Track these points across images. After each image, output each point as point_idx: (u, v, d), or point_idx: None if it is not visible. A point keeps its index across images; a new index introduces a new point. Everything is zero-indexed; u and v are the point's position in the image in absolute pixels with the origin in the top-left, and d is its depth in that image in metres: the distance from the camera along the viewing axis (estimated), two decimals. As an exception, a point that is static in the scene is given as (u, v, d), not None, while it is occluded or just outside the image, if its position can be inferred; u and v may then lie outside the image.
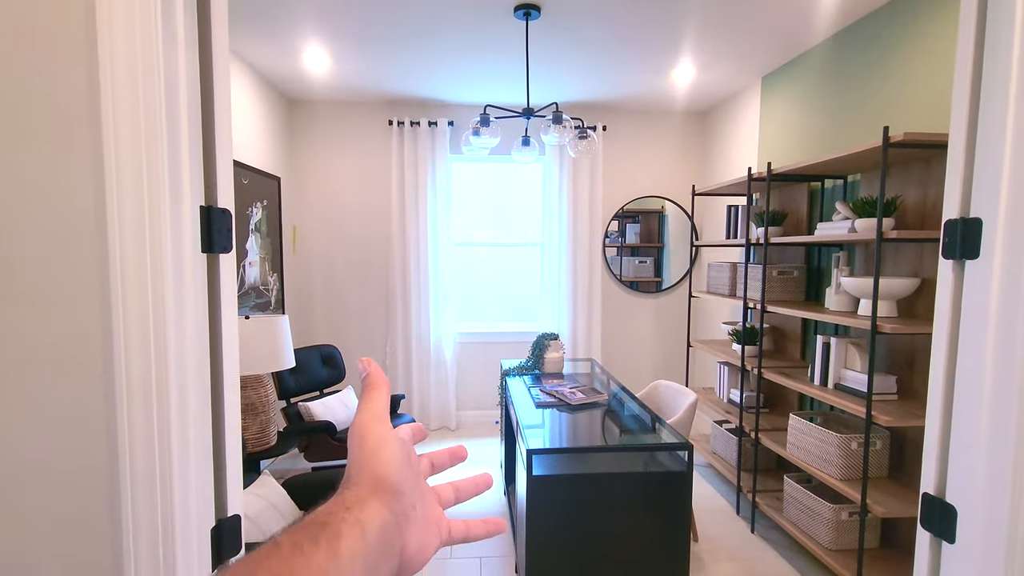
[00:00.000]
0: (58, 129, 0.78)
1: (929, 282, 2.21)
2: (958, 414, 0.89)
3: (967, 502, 0.86)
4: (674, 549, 2.00)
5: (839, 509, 2.34)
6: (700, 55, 3.18)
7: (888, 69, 2.49)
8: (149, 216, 0.77)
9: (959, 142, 0.89)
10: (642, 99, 4.09)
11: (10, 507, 0.80)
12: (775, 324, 3.34)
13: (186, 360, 0.82)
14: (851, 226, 2.29)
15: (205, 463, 0.87)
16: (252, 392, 2.49)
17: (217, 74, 0.87)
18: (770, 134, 3.47)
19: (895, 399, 2.24)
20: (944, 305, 0.91)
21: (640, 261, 4.52)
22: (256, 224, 3.49)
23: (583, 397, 2.67)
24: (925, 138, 1.96)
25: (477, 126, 2.68)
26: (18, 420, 0.79)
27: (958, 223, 0.89)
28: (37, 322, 0.79)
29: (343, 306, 4.35)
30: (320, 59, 3.29)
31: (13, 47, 0.77)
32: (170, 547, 0.80)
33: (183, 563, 0.81)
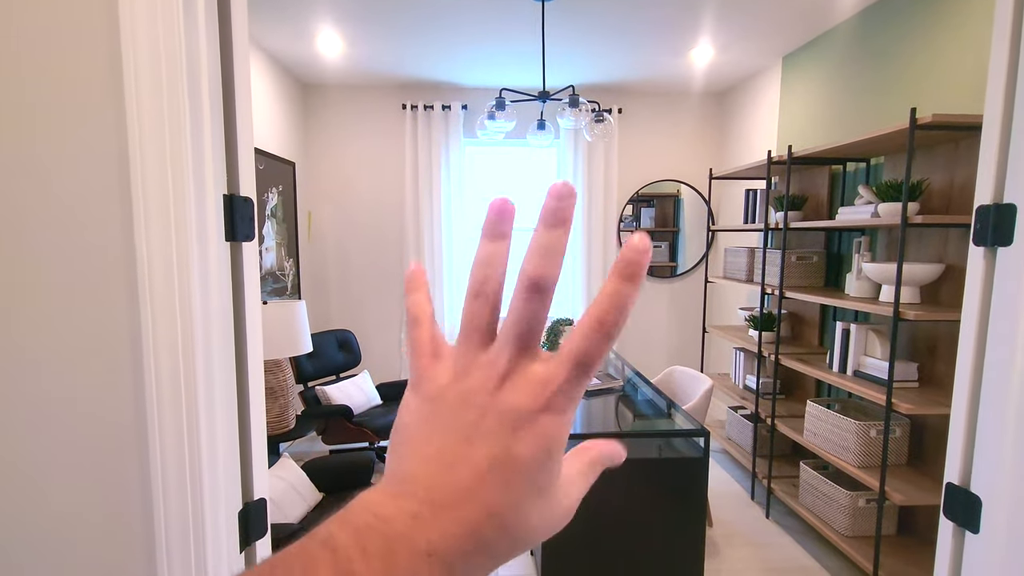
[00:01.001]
0: (82, 119, 0.79)
1: (954, 268, 2.16)
2: (985, 404, 0.87)
3: (993, 492, 0.85)
4: (689, 535, 2.01)
5: (856, 496, 2.33)
6: (719, 35, 3.11)
7: (915, 48, 2.41)
8: (174, 206, 0.78)
9: (994, 124, 0.87)
10: (659, 81, 4.02)
11: (44, 496, 0.82)
12: (793, 310, 3.30)
13: (212, 348, 0.83)
14: (874, 210, 2.24)
15: (232, 448, 0.88)
16: (271, 376, 2.53)
17: (237, 61, 0.87)
18: (790, 116, 3.40)
19: (916, 386, 2.21)
20: (974, 293, 0.89)
21: (655, 245, 4.48)
22: (272, 210, 3.52)
23: (598, 383, 2.67)
24: (955, 120, 1.91)
25: (492, 110, 2.66)
26: (49, 411, 0.82)
27: (990, 209, 0.86)
28: (66, 313, 0.81)
29: (358, 291, 4.38)
30: (334, 43, 3.28)
31: (36, 37, 0.78)
32: (200, 531, 0.82)
33: (212, 546, 0.83)
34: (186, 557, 0.82)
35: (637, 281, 0.24)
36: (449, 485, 0.23)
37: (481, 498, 0.23)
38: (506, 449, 0.24)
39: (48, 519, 0.83)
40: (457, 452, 0.24)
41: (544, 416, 0.24)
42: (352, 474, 2.45)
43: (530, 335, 0.25)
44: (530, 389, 0.24)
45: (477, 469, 0.23)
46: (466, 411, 0.25)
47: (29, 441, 0.82)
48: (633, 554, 2.01)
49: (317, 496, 2.30)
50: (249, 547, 0.93)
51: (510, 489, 0.24)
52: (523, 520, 0.24)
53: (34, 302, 0.80)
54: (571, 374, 0.24)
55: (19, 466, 0.82)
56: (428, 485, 0.23)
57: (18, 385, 0.81)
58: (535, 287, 0.24)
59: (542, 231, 0.25)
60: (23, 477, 0.82)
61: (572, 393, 0.25)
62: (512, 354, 0.25)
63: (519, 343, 0.25)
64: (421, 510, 0.23)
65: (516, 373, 0.25)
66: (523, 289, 0.25)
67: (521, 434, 0.24)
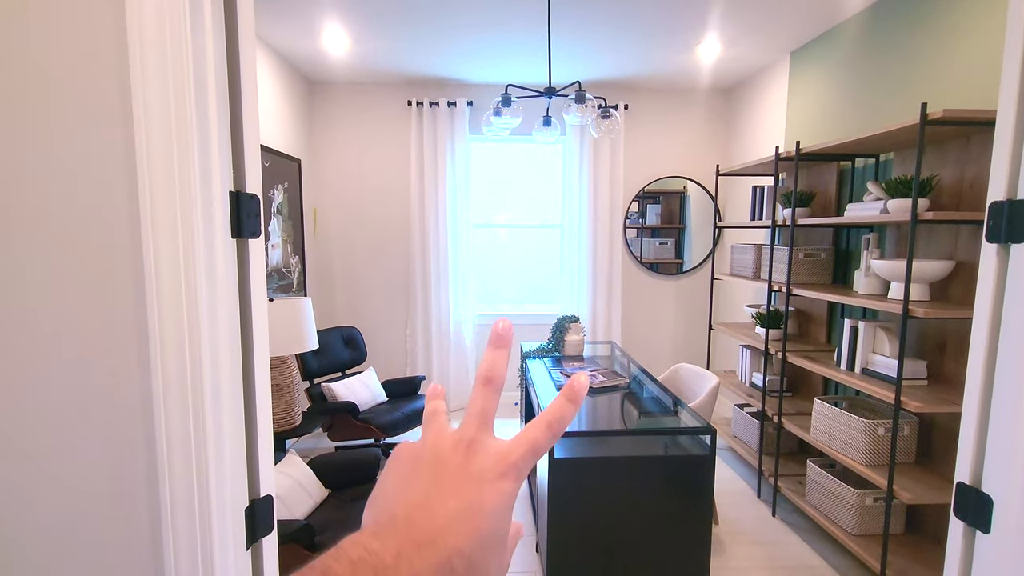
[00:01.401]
0: (89, 116, 0.79)
1: (964, 265, 2.14)
2: (997, 403, 0.86)
3: (1004, 492, 0.84)
4: (695, 532, 2.01)
5: (864, 494, 2.31)
6: (727, 30, 3.08)
7: (925, 42, 2.39)
8: (180, 202, 0.78)
9: (1008, 119, 0.85)
10: (665, 76, 4.00)
11: (50, 492, 0.83)
12: (800, 307, 3.28)
13: (218, 345, 0.83)
14: (883, 207, 2.22)
15: (238, 445, 0.88)
16: (277, 373, 2.54)
17: (244, 58, 0.87)
18: (798, 112, 3.37)
19: (925, 384, 2.19)
20: (986, 290, 0.88)
21: (661, 243, 4.47)
22: (278, 206, 3.52)
23: (604, 380, 2.66)
24: (966, 115, 1.88)
25: (498, 106, 2.65)
26: (57, 408, 0.82)
27: (1004, 205, 0.85)
28: (73, 310, 0.81)
29: (364, 288, 4.39)
30: (339, 39, 3.27)
31: (42, 35, 0.78)
32: (206, 527, 0.82)
33: (219, 543, 0.83)
34: (193, 553, 0.82)
35: (578, 403, 0.34)
36: (428, 526, 0.28)
37: (454, 538, 0.28)
38: (475, 501, 0.29)
39: (54, 515, 0.83)
40: (435, 500, 0.29)
41: (502, 480, 0.31)
42: (358, 470, 2.45)
43: (488, 418, 0.33)
44: (494, 458, 0.31)
45: (451, 515, 0.29)
46: (442, 470, 0.31)
47: (35, 437, 0.82)
48: (639, 552, 2.00)
49: (323, 493, 2.31)
50: (255, 544, 0.93)
51: (476, 533, 0.29)
52: (484, 560, 0.29)
53: (41, 299, 0.80)
54: (526, 453, 0.32)
55: (25, 462, 0.82)
56: (410, 526, 0.28)
57: (25, 382, 0.81)
58: (488, 382, 0.34)
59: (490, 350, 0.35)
60: (29, 473, 0.82)
61: (523, 467, 0.32)
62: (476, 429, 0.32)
63: (479, 421, 0.33)
64: (404, 546, 0.27)
65: (480, 444, 0.32)
66: (479, 385, 0.34)
67: (486, 490, 0.30)
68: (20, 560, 0.83)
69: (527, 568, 2.38)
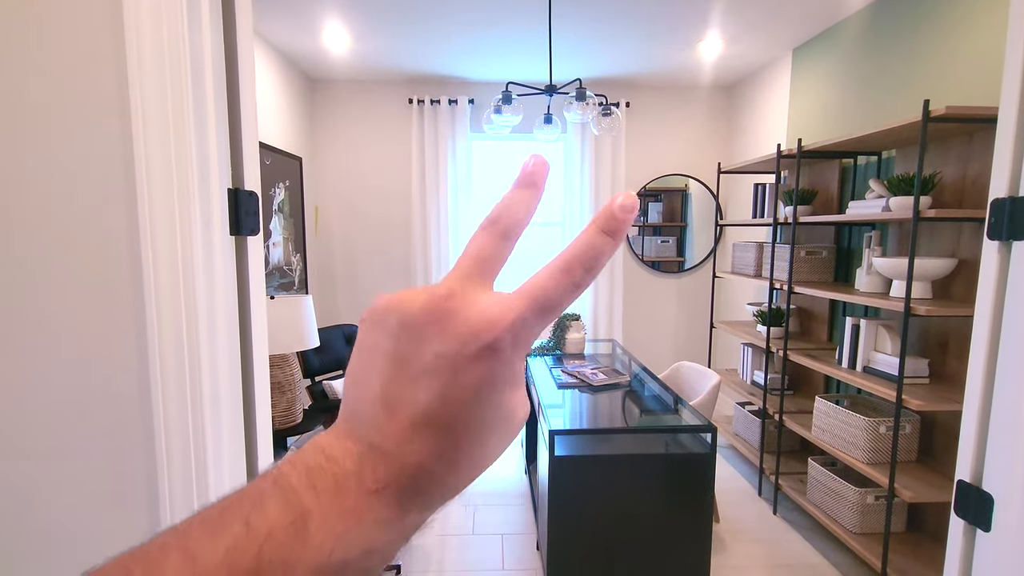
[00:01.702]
0: (87, 113, 0.79)
1: (966, 263, 2.13)
2: (999, 401, 0.86)
3: (1005, 490, 0.84)
4: (696, 530, 2.01)
5: (865, 493, 2.31)
6: (728, 27, 3.07)
7: (927, 39, 2.37)
8: (178, 199, 0.78)
9: (1010, 115, 0.85)
10: (667, 74, 3.99)
11: (49, 488, 0.83)
12: (802, 305, 3.27)
13: (217, 341, 0.83)
14: (885, 204, 2.21)
15: (237, 441, 0.88)
16: (278, 371, 2.54)
17: (242, 55, 0.86)
18: (800, 109, 3.36)
19: (926, 383, 2.18)
20: (987, 288, 0.88)
21: (662, 241, 4.46)
22: (279, 204, 3.53)
23: (605, 378, 2.66)
24: (969, 112, 1.87)
25: (499, 104, 2.65)
26: (56, 406, 0.82)
27: (1006, 202, 0.85)
28: (72, 308, 0.81)
29: (365, 285, 4.39)
30: (340, 37, 3.27)
31: (41, 34, 0.77)
32: (206, 523, 0.82)
33: (218, 538, 0.83)
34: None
35: (616, 237, 0.23)
36: (392, 432, 0.23)
37: (424, 442, 0.22)
38: (448, 391, 0.22)
39: (53, 513, 0.83)
40: (397, 394, 0.23)
41: (488, 355, 0.22)
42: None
43: (485, 264, 0.24)
44: (478, 322, 0.22)
45: (417, 414, 0.22)
46: (407, 345, 0.23)
47: (34, 436, 0.82)
48: (639, 550, 2.00)
49: (324, 490, 2.31)
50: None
51: (455, 432, 0.23)
52: (474, 453, 0.23)
53: (39, 297, 0.80)
54: (527, 311, 0.22)
55: (23, 461, 0.82)
56: (372, 429, 0.23)
57: (24, 381, 0.81)
58: (493, 222, 0.25)
59: (511, 190, 0.25)
60: (27, 472, 0.83)
61: (525, 333, 0.23)
62: (463, 278, 0.24)
63: (469, 267, 0.24)
64: (366, 451, 0.23)
65: (463, 300, 0.23)
66: (484, 225, 0.25)
67: (463, 374, 0.22)
68: (20, 558, 0.83)
69: (528, 566, 2.39)
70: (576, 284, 0.23)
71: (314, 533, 0.21)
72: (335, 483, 0.22)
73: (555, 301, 0.23)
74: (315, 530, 0.21)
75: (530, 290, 0.23)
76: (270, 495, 0.21)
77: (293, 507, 0.21)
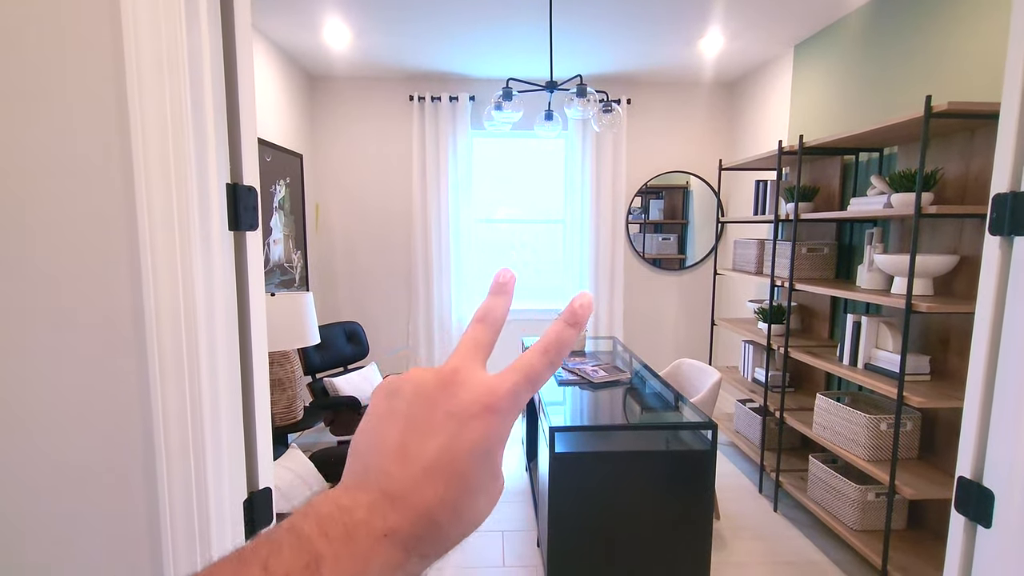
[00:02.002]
0: (84, 107, 0.79)
1: (968, 259, 2.13)
2: (1000, 397, 0.85)
3: (1006, 487, 0.84)
4: (697, 527, 2.01)
5: (866, 490, 2.31)
6: (730, 23, 3.06)
7: (930, 35, 2.36)
8: (176, 195, 0.78)
9: (1012, 111, 0.84)
10: (668, 70, 3.97)
11: (47, 484, 0.83)
12: (803, 302, 3.27)
13: (216, 338, 0.83)
14: (887, 201, 2.21)
15: (236, 438, 0.88)
16: (279, 368, 2.54)
17: (240, 49, 0.86)
18: (802, 106, 3.35)
19: (928, 380, 2.18)
20: (989, 283, 0.87)
21: (663, 238, 4.45)
22: (280, 201, 3.52)
23: (605, 375, 2.66)
24: (971, 108, 1.87)
25: (499, 100, 2.64)
26: (52, 402, 0.82)
27: (1007, 197, 0.84)
28: (69, 304, 0.81)
29: (366, 283, 4.39)
30: (340, 33, 3.26)
31: (38, 29, 0.77)
32: (204, 519, 0.82)
33: (217, 535, 0.84)
34: (191, 545, 0.82)
35: (579, 327, 0.30)
36: (403, 477, 0.26)
37: (432, 488, 0.26)
38: (454, 444, 0.26)
39: (52, 510, 0.83)
40: (411, 446, 0.26)
41: (488, 414, 0.27)
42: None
43: (482, 349, 0.30)
44: (480, 390, 0.28)
45: (428, 461, 0.26)
46: (420, 408, 0.27)
47: (31, 434, 0.82)
48: (640, 547, 2.01)
49: (324, 486, 2.32)
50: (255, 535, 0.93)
51: (459, 480, 0.26)
52: (471, 504, 0.27)
53: (37, 293, 0.80)
54: (519, 381, 0.28)
55: (21, 459, 0.82)
56: (383, 478, 0.26)
57: (21, 379, 0.81)
58: (483, 319, 0.31)
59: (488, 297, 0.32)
60: (26, 469, 0.83)
61: (516, 397, 0.28)
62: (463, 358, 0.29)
63: (468, 351, 0.30)
64: (378, 499, 0.25)
65: (466, 374, 0.28)
66: (476, 320, 0.31)
67: (468, 428, 0.27)
68: (19, 555, 0.83)
69: (528, 563, 2.39)
70: (552, 363, 0.29)
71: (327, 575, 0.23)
72: (346, 531, 0.24)
73: (539, 375, 0.29)
74: (328, 573, 0.23)
75: (520, 367, 0.29)
76: (286, 541, 0.23)
77: (307, 551, 0.23)
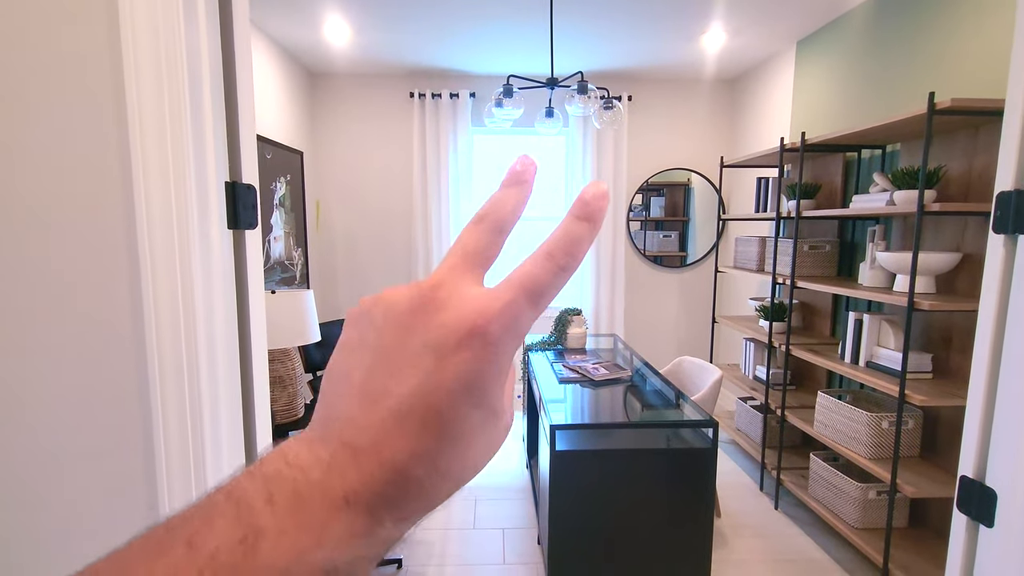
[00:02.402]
0: (82, 106, 0.78)
1: (971, 257, 2.12)
2: (1003, 396, 0.85)
3: (1009, 486, 0.83)
4: (697, 525, 2.01)
5: (867, 488, 2.30)
6: (732, 19, 3.04)
7: (933, 31, 2.35)
8: (175, 193, 0.77)
9: (1016, 108, 0.84)
10: (669, 67, 3.96)
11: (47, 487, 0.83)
12: (804, 300, 3.26)
13: (215, 336, 0.83)
14: (889, 198, 2.20)
15: (236, 437, 0.88)
16: (279, 365, 2.54)
17: (239, 47, 0.85)
18: (804, 102, 3.33)
19: (930, 378, 2.17)
20: (992, 282, 0.87)
21: (664, 235, 4.44)
22: (280, 199, 3.52)
23: (606, 373, 2.66)
24: (975, 105, 1.86)
25: (500, 97, 2.63)
26: (52, 402, 0.82)
27: (1011, 195, 0.84)
28: (68, 303, 0.80)
29: (366, 280, 4.38)
30: (340, 30, 3.25)
31: (33, 22, 0.77)
32: (204, 517, 0.82)
33: (217, 532, 0.83)
34: (190, 544, 0.82)
35: (593, 222, 0.23)
36: (370, 424, 0.21)
37: (404, 436, 0.20)
38: (432, 382, 0.21)
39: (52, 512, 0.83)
40: (379, 386, 0.21)
41: (475, 342, 0.21)
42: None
43: (476, 255, 0.24)
44: (466, 311, 0.21)
45: (398, 403, 0.21)
46: (391, 335, 0.22)
47: (31, 435, 0.82)
48: (641, 545, 2.01)
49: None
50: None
51: (438, 427, 0.21)
52: (458, 454, 0.21)
53: (36, 292, 0.80)
54: (515, 298, 0.22)
55: (21, 459, 0.82)
56: (347, 425, 0.21)
57: (20, 377, 0.81)
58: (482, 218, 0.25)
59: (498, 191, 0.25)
60: (24, 469, 0.82)
61: (514, 321, 0.22)
62: (449, 270, 0.23)
63: (456, 259, 0.24)
64: (338, 453, 0.20)
65: (449, 291, 0.22)
66: (473, 220, 0.25)
67: (450, 363, 0.21)
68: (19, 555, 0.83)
69: (529, 560, 2.39)
70: (562, 268, 0.22)
71: (266, 553, 0.18)
72: (295, 494, 0.19)
73: (544, 286, 0.22)
74: (267, 549, 0.18)
75: (518, 277, 0.22)
76: (221, 510, 0.19)
77: (244, 523, 0.19)
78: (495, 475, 3.16)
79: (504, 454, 3.45)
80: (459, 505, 2.83)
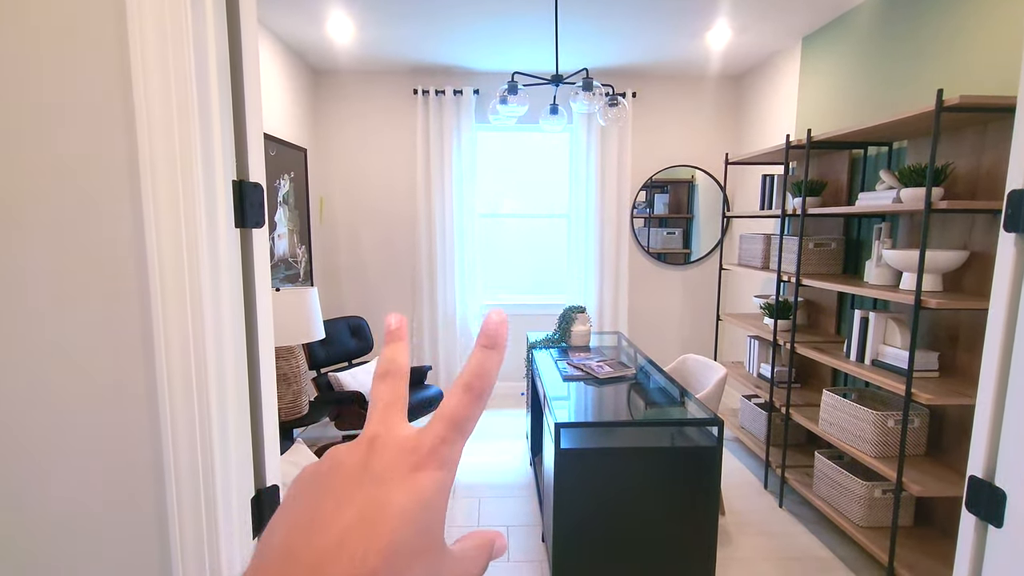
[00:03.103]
0: (91, 106, 0.78)
1: (978, 255, 2.10)
2: (1013, 395, 0.84)
3: (1018, 486, 0.83)
4: (702, 523, 2.01)
5: (872, 486, 2.30)
6: (737, 16, 3.03)
7: (941, 27, 2.33)
8: (183, 192, 0.77)
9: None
10: (674, 64, 3.94)
11: (56, 484, 0.83)
12: (809, 298, 3.25)
13: (223, 335, 0.83)
14: (896, 196, 2.19)
15: (244, 435, 0.88)
16: (284, 363, 2.55)
17: (246, 46, 0.85)
18: (810, 99, 3.32)
19: (936, 376, 2.16)
20: (1003, 280, 0.86)
21: (668, 232, 4.43)
22: (284, 196, 3.52)
23: (610, 371, 2.66)
24: (983, 101, 1.84)
25: (504, 94, 2.63)
26: (61, 400, 0.82)
27: (1023, 193, 0.83)
28: (77, 302, 0.81)
29: (370, 277, 4.39)
30: (344, 26, 3.25)
31: (42, 24, 0.77)
32: (212, 516, 0.82)
33: (224, 531, 0.84)
34: (199, 542, 0.82)
35: (498, 349, 0.26)
36: (312, 547, 0.22)
37: (348, 557, 0.21)
38: (376, 504, 0.23)
39: (61, 508, 0.84)
40: (324, 517, 0.23)
41: (416, 473, 0.24)
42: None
43: (391, 407, 0.27)
44: (401, 449, 0.25)
45: (344, 528, 0.22)
46: (336, 479, 0.24)
47: (40, 433, 0.82)
48: (645, 543, 2.01)
49: (331, 481, 2.32)
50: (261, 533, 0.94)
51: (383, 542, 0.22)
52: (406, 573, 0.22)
53: (43, 292, 0.80)
54: (444, 432, 0.25)
55: (30, 452, 0.83)
56: (286, 558, 0.22)
57: (29, 377, 0.81)
58: (382, 375, 0.28)
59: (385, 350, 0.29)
60: (33, 462, 0.83)
61: (446, 450, 0.25)
62: (378, 423, 0.26)
63: (381, 414, 0.27)
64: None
65: (384, 438, 0.25)
66: (375, 380, 0.28)
67: (394, 489, 0.23)
68: (29, 554, 0.84)
69: (533, 558, 2.40)
70: (479, 397, 0.26)
71: None
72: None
73: (465, 418, 0.25)
74: None
75: (444, 414, 0.25)
76: None
77: None
78: (499, 473, 3.17)
79: (508, 452, 3.46)
80: (463, 503, 2.84)
